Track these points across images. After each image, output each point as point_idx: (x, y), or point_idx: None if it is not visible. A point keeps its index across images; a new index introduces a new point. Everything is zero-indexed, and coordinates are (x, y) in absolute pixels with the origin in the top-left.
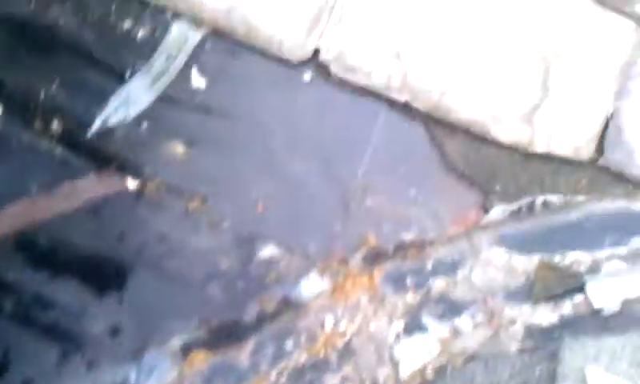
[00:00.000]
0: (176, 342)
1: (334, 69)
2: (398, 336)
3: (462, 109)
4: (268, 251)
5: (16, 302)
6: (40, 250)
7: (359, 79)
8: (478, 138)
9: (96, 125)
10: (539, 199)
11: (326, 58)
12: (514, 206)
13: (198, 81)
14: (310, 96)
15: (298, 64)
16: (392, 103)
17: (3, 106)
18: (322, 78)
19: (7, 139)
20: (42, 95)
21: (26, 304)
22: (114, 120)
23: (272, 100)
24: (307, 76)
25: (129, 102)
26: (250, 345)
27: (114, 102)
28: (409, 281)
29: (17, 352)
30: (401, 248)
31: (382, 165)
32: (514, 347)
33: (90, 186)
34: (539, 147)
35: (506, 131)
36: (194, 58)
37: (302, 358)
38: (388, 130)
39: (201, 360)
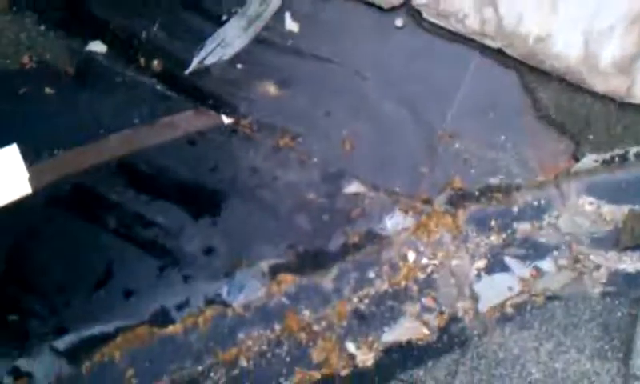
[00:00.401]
0: (265, 264)
1: (426, 14)
2: (479, 273)
3: (558, 57)
4: (354, 187)
5: (119, 219)
6: (141, 175)
7: (452, 25)
8: (572, 87)
9: (194, 64)
10: (633, 150)
11: (419, 3)
12: (606, 156)
13: (291, 24)
14: (401, 41)
15: (390, 9)
16: (485, 49)
17: (108, 44)
18: (414, 23)
19: (112, 75)
20: (144, 35)
21: (127, 222)
22: (210, 60)
23: (363, 44)
24: (399, 21)
25: (224, 43)
26: (334, 271)
27: (210, 44)
28: (493, 222)
29: (119, 265)
30: (487, 191)
31: (471, 110)
32: (596, 290)
33: (188, 120)
34: (636, 98)
35: (602, 81)
36: (288, 2)
37: (383, 286)
38: (479, 76)
39: (288, 281)
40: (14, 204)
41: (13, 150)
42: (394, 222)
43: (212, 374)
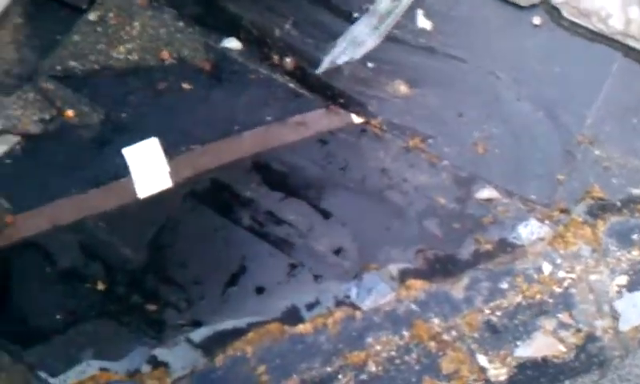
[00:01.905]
0: (394, 268)
1: (566, 12)
2: (620, 290)
3: None
4: (486, 193)
5: (252, 216)
6: (273, 172)
7: (593, 24)
8: None
9: (325, 64)
10: None
11: (558, 1)
12: None
13: (423, 22)
14: (538, 40)
15: (528, 6)
16: (629, 51)
17: (242, 41)
18: (553, 21)
19: (247, 72)
20: (277, 33)
21: (260, 219)
22: (342, 59)
23: (499, 43)
24: (537, 19)
25: (356, 42)
26: (465, 279)
27: (342, 43)
28: (636, 236)
29: (251, 261)
30: (629, 202)
31: (612, 114)
32: None
33: (319, 119)
34: None
35: None
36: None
37: (516, 298)
38: (622, 78)
39: (417, 287)
40: (156, 196)
41: (154, 143)
42: (529, 231)
43: (340, 376)
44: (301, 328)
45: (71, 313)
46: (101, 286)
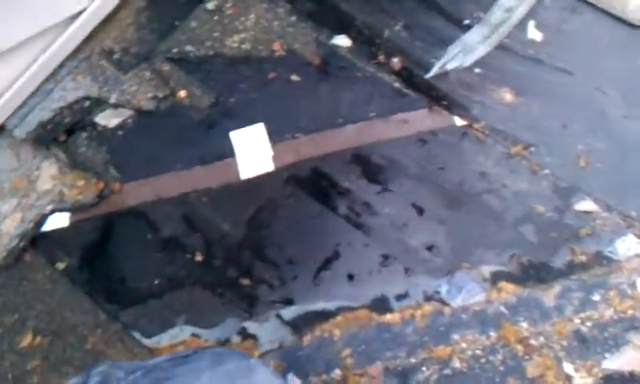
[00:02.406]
0: (486, 269)
1: None
2: None
3: None
4: (586, 205)
5: (349, 206)
6: (373, 166)
7: None
8: None
9: (435, 69)
10: None
11: None
12: None
13: (534, 34)
14: None
15: None
16: None
17: (352, 39)
18: None
19: (354, 69)
20: (387, 34)
21: (357, 209)
22: (451, 65)
23: (609, 60)
24: None
25: (466, 49)
26: (557, 287)
27: (452, 50)
28: None
29: (345, 248)
30: None
31: None
32: None
33: (421, 119)
34: None
35: None
36: (533, 11)
37: (608, 311)
38: None
39: (508, 290)
40: (257, 178)
41: (260, 129)
42: (626, 247)
43: (424, 369)
44: (389, 317)
45: (169, 279)
46: (199, 257)
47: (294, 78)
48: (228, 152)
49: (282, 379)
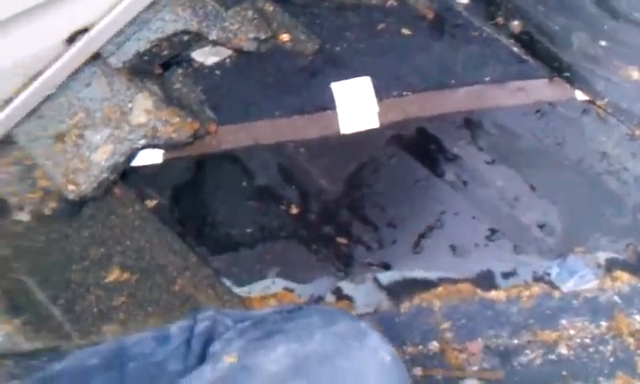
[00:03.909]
0: (601, 256)
1: None
2: None
3: None
4: None
5: (456, 173)
6: (485, 134)
7: None
8: None
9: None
10: None
11: None
12: None
13: None
14: None
15: None
16: None
17: None
18: None
19: (470, 28)
20: None
21: (465, 178)
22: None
23: None
24: None
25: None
26: None
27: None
28: None
29: (451, 217)
30: None
31: None
32: None
33: (540, 89)
34: None
35: None
36: None
37: None
38: None
39: (624, 279)
40: (359, 134)
41: (366, 82)
42: None
43: (527, 352)
44: (493, 294)
45: (262, 229)
46: (294, 210)
47: (405, 31)
48: (329, 103)
49: (392, 347)
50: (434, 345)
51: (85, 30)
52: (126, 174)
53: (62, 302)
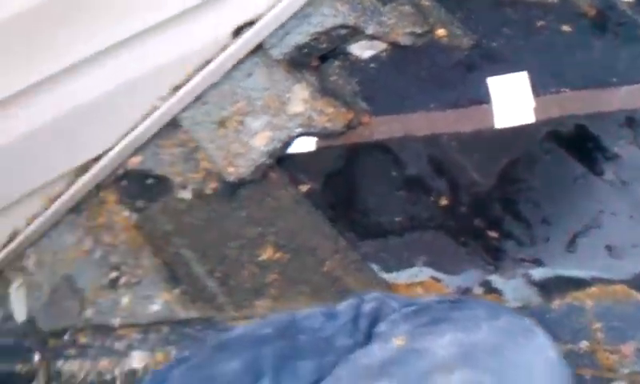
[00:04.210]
0: None
1: None
2: None
3: None
4: None
5: (616, 172)
6: None
7: None
8: None
9: None
10: None
11: None
12: None
13: None
14: None
15: None
16: None
17: None
18: None
19: (635, 27)
20: None
21: (624, 178)
22: None
23: None
24: None
25: None
26: None
27: None
28: None
29: (608, 217)
30: None
31: None
32: None
33: None
34: None
35: None
36: None
37: None
38: None
39: None
40: (515, 129)
41: (522, 78)
42: None
43: None
44: None
45: (410, 219)
46: (444, 202)
47: (566, 28)
48: (484, 98)
49: (558, 350)
50: (585, 344)
51: (251, 23)
52: (281, 159)
53: (218, 275)
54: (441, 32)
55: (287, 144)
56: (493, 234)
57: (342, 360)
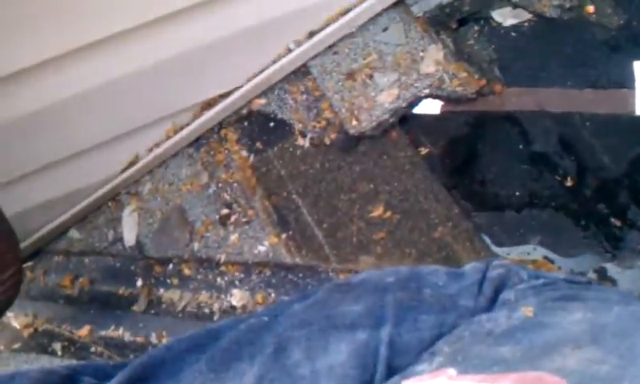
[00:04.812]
0: None
1: None
2: None
3: None
4: None
5: None
6: None
7: None
8: None
9: None
10: None
11: None
12: None
13: None
14: None
15: None
16: None
17: None
18: None
19: None
20: None
21: None
22: None
23: None
24: None
25: None
26: None
27: None
28: None
29: None
30: None
31: None
32: None
33: None
34: None
35: None
36: None
37: None
38: None
39: None
40: None
41: None
42: None
43: None
44: None
45: (530, 195)
46: (569, 183)
47: None
48: (627, 82)
49: None
50: None
51: None
52: (404, 119)
53: (326, 226)
54: (590, 8)
55: (413, 104)
56: (616, 221)
57: (463, 320)
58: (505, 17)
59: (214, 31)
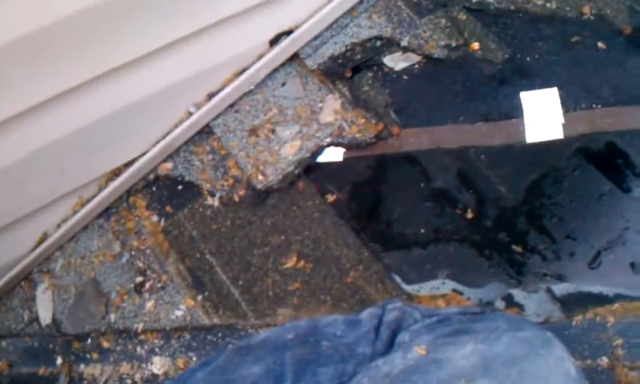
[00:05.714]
0: None
1: None
2: None
3: None
4: None
5: None
6: None
7: None
8: None
9: None
10: None
11: None
12: None
13: None
14: None
15: None
16: None
17: None
18: None
19: None
20: None
21: None
22: None
23: None
24: None
25: None
26: None
27: None
28: None
29: (633, 234)
30: None
31: None
32: None
33: None
34: None
35: None
36: None
37: None
38: None
39: None
40: (543, 144)
41: (553, 93)
42: None
43: None
44: None
45: (435, 231)
46: (470, 215)
47: (600, 45)
48: (515, 112)
49: (577, 364)
50: (604, 360)
51: (289, 32)
52: (309, 168)
53: (242, 282)
54: (475, 46)
55: (316, 154)
56: (517, 248)
57: (362, 367)
58: (395, 61)
59: (112, 103)
